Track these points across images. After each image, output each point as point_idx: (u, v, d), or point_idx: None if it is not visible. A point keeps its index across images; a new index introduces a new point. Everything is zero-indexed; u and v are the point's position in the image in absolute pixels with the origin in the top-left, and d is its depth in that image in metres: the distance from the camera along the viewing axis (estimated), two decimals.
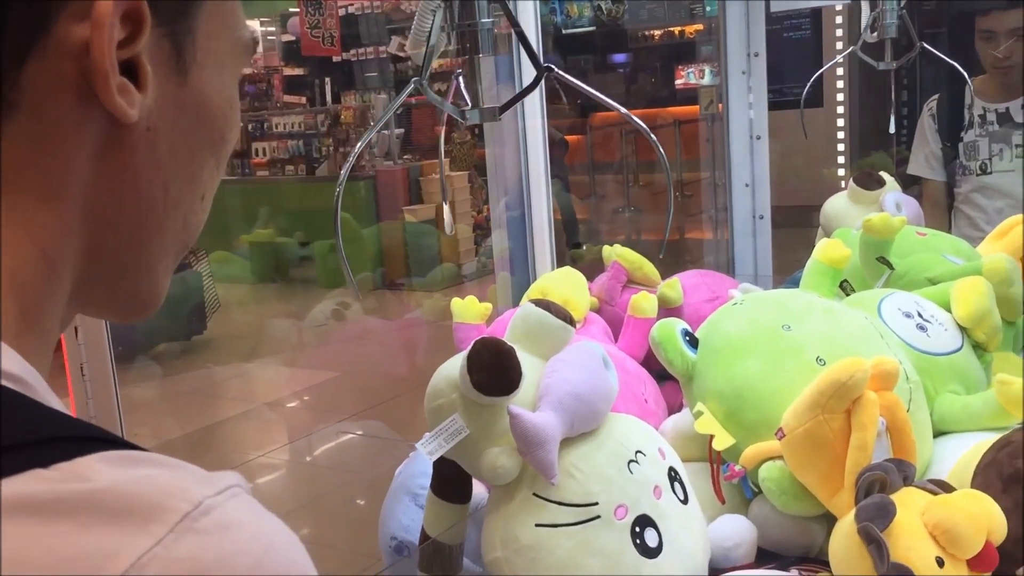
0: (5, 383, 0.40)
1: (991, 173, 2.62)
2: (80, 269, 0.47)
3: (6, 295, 0.43)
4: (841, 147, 6.47)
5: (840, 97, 7.10)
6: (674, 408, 1.63)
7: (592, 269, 2.00)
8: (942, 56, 1.55)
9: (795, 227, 3.75)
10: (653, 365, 1.63)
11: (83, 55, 0.43)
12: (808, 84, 2.58)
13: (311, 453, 4.45)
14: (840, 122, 6.83)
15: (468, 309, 1.66)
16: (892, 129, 2.58)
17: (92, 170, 0.45)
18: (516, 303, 1.85)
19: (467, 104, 1.40)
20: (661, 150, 1.42)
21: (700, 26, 9.17)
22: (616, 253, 1.90)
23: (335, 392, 5.05)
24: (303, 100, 9.47)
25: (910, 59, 1.39)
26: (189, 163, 0.50)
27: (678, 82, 9.38)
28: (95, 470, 0.37)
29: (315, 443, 4.50)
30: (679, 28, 9.58)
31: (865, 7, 2.04)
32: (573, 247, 6.39)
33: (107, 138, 0.45)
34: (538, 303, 1.15)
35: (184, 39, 0.47)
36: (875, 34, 2.07)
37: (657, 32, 9.78)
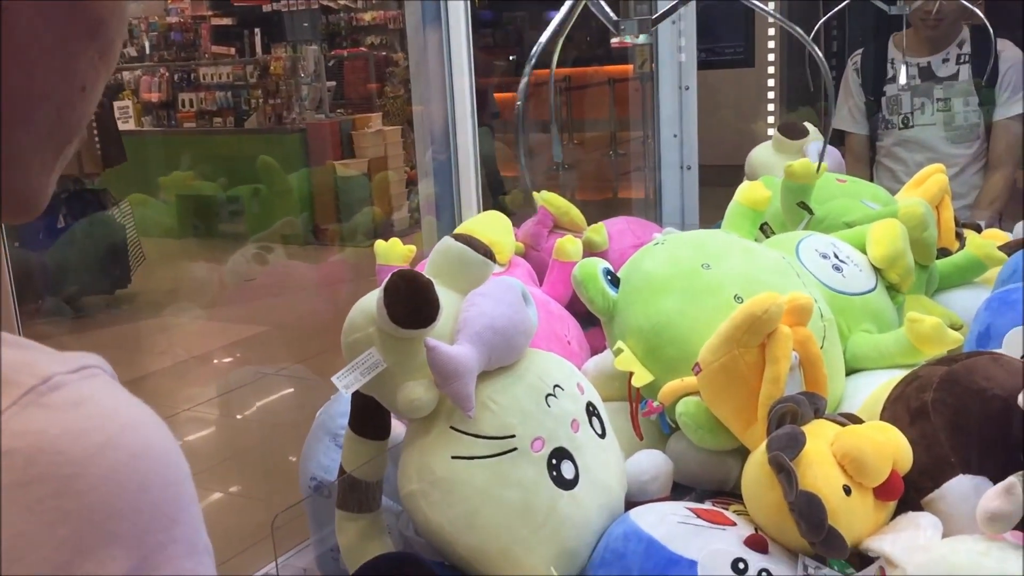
0: None
1: (913, 127, 2.66)
2: None
3: None
4: (772, 107, 6.54)
5: (771, 57, 7.16)
6: (598, 352, 1.64)
7: (520, 218, 2.00)
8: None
9: (725, 186, 3.79)
10: (578, 309, 1.64)
11: None
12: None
13: (238, 406, 4.40)
14: (771, 82, 6.90)
15: (391, 251, 1.64)
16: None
17: None
18: None
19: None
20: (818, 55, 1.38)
21: None
22: (543, 198, 1.89)
23: (264, 346, 4.99)
24: (232, 51, 9.23)
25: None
26: (58, 49, 0.46)
27: (613, 40, 9.36)
28: None
29: (243, 396, 4.45)
30: None
31: None
32: (500, 195, 6.39)
33: None
34: (458, 237, 1.14)
35: None
36: None
37: None
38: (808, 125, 2.18)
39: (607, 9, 1.36)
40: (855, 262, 1.43)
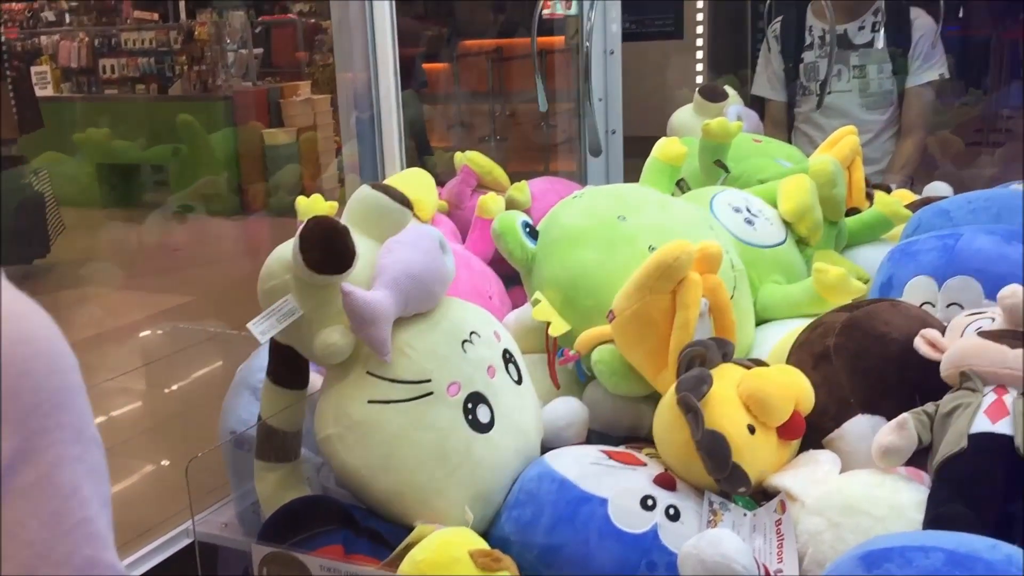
0: None
1: (830, 93, 2.73)
2: None
3: None
4: (700, 79, 6.62)
5: (699, 30, 7.25)
6: None
7: (444, 178, 2.00)
8: None
9: None
10: (501, 267, 1.65)
11: None
12: None
13: (163, 376, 4.33)
14: (699, 54, 6.98)
15: (313, 206, 1.64)
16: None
17: None
18: None
19: None
20: None
21: None
22: (467, 157, 1.90)
23: (190, 314, 4.91)
24: (155, 16, 8.98)
25: None
26: None
27: (545, 12, 9.35)
28: None
29: (168, 366, 4.38)
30: None
31: None
32: (425, 156, 6.38)
33: None
34: (375, 186, 1.14)
35: None
36: None
37: None
38: (728, 89, 2.22)
39: None
40: (766, 216, 1.47)
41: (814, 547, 0.98)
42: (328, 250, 1.03)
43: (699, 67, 6.54)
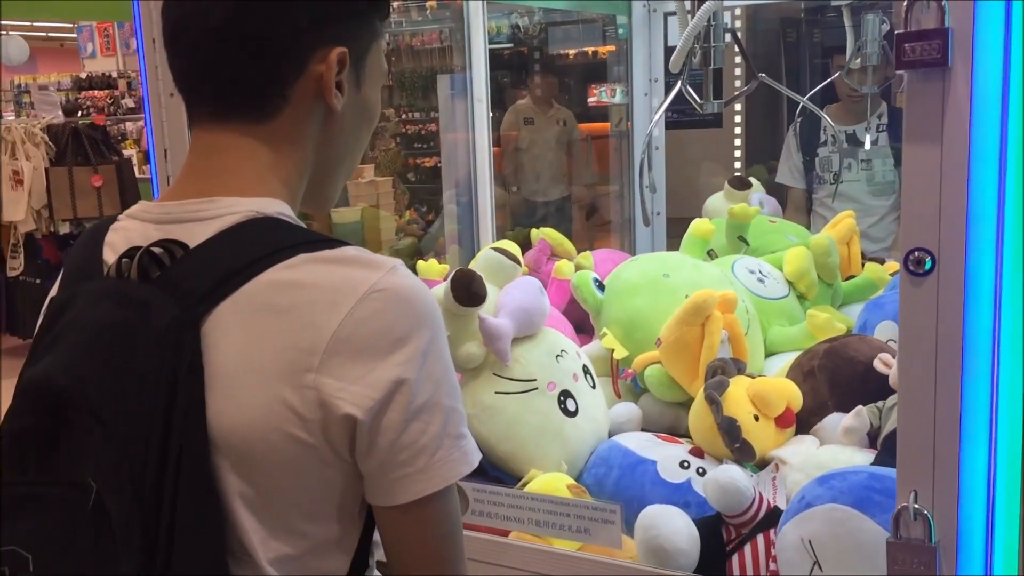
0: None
1: (842, 182, 3.23)
2: (308, 179, 0.96)
3: (283, 190, 0.92)
4: (738, 164, 7.15)
5: (737, 119, 7.80)
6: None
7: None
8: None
9: None
10: (570, 317, 2.16)
11: (319, 79, 0.92)
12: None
13: None
14: (737, 142, 7.52)
15: (430, 268, 2.16)
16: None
17: (317, 132, 0.94)
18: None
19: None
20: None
21: (612, 47, 9.75)
22: (543, 232, 2.43)
23: None
24: None
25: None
26: (357, 132, 0.99)
27: (590, 100, 9.99)
28: (348, 249, 0.86)
29: None
30: (592, 49, 10.20)
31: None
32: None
33: (325, 117, 0.94)
34: (496, 249, 1.67)
35: (361, 71, 0.96)
36: (859, 60, 2.25)
37: (572, 52, 10.38)
38: (752, 179, 2.73)
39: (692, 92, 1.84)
40: (774, 277, 1.97)
41: (796, 492, 1.45)
42: (470, 291, 1.55)
43: (737, 153, 7.07)
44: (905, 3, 1.03)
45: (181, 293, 0.83)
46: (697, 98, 1.81)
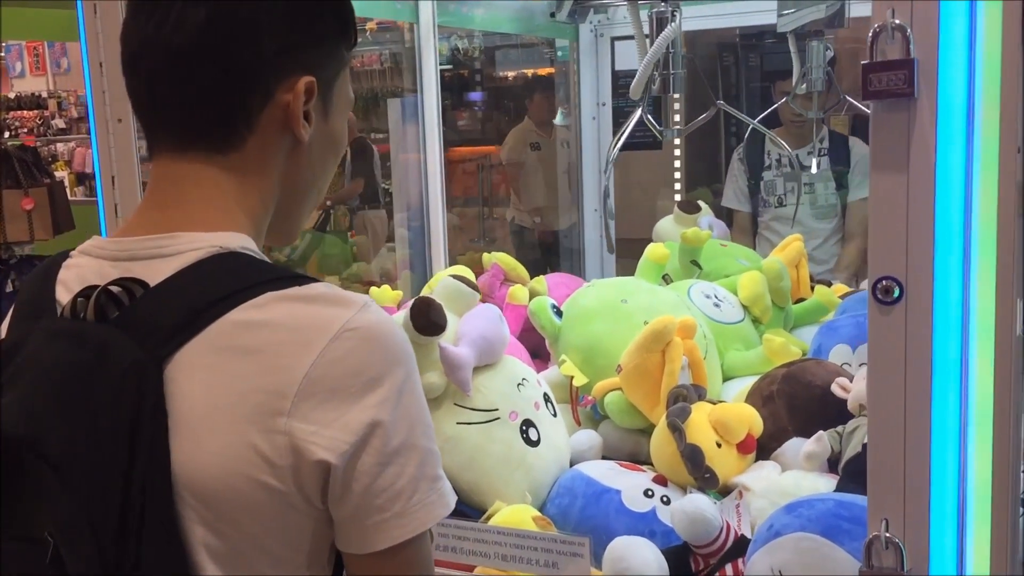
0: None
1: (785, 206, 3.28)
2: (273, 211, 0.93)
3: (247, 223, 0.89)
4: (678, 185, 7.26)
5: (676, 141, 7.92)
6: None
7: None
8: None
9: (638, 257, 4.36)
10: (526, 343, 2.14)
11: (286, 108, 0.89)
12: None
13: None
14: (676, 163, 7.63)
15: (384, 295, 2.13)
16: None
17: (284, 163, 0.91)
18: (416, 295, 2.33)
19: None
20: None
21: (552, 69, 9.83)
22: (496, 257, 2.41)
23: None
24: None
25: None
26: (324, 163, 0.96)
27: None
28: (317, 285, 0.83)
29: None
30: (532, 71, 10.27)
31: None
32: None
33: (292, 148, 0.91)
34: (455, 277, 1.64)
35: (328, 100, 0.93)
36: (804, 86, 2.26)
37: (511, 73, 10.43)
38: (701, 203, 2.75)
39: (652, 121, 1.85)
40: (729, 301, 1.98)
41: (760, 519, 1.45)
42: (429, 319, 1.52)
43: (677, 175, 7.15)
44: (871, 33, 1.04)
45: (142, 334, 0.79)
46: (657, 125, 1.82)
